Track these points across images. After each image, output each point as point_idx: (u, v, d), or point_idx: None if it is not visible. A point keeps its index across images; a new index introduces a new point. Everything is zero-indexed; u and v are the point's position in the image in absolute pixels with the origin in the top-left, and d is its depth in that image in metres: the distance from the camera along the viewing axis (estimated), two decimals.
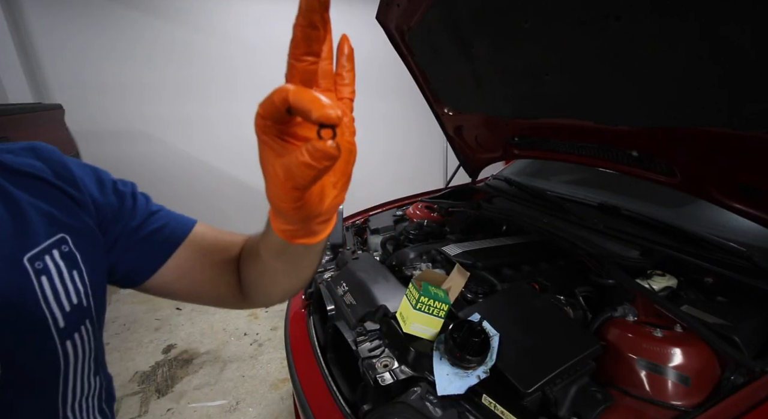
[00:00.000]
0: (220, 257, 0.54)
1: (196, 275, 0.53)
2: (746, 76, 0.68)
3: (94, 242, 0.45)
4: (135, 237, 0.49)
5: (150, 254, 0.50)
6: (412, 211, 1.70)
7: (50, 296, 0.39)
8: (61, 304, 0.39)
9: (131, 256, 0.48)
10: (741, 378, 0.71)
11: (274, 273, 0.49)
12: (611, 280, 0.98)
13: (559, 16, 0.85)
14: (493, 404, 0.72)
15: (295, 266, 0.48)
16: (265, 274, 0.50)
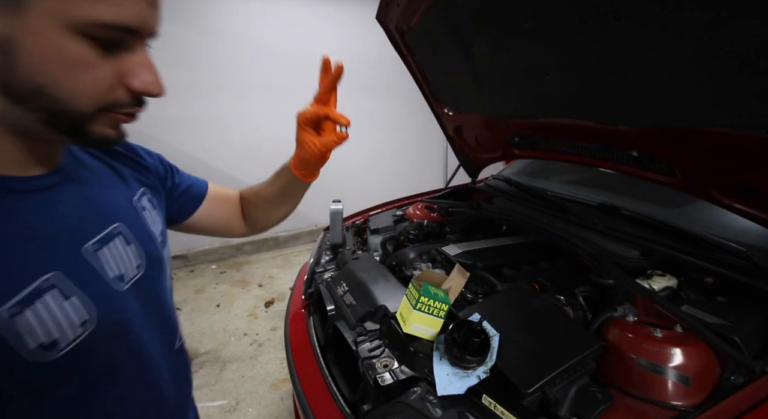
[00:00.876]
0: (228, 202, 0.80)
1: (216, 214, 0.77)
2: (746, 76, 0.68)
3: (159, 194, 0.64)
4: (175, 193, 0.70)
5: (187, 204, 0.72)
6: (412, 211, 1.71)
7: (150, 225, 0.57)
8: (156, 230, 0.58)
9: (176, 205, 0.70)
10: (741, 378, 0.71)
11: (279, 203, 0.80)
12: (611, 280, 0.98)
13: (559, 16, 0.85)
14: (493, 404, 0.72)
15: (294, 197, 0.79)
16: (271, 204, 0.80)
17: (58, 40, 0.34)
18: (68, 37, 0.34)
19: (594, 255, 1.09)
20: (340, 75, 0.64)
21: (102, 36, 0.35)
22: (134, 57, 0.39)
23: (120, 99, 0.40)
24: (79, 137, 0.40)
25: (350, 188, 3.69)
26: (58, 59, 0.34)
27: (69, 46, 0.34)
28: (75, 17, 0.33)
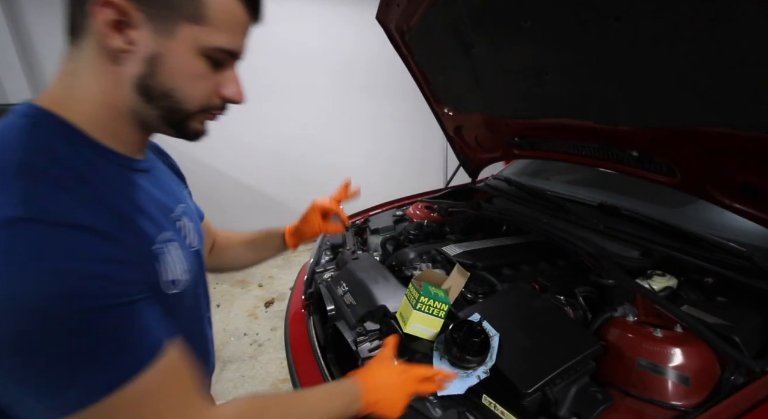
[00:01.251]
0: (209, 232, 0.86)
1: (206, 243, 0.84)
2: (746, 76, 0.68)
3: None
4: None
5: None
6: (412, 211, 1.70)
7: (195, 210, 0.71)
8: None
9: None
10: (741, 378, 0.71)
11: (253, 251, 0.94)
12: (611, 280, 0.98)
13: (559, 16, 0.85)
14: (493, 404, 0.72)
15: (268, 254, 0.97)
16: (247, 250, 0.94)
17: (188, 58, 0.46)
18: (195, 57, 0.46)
19: (594, 255, 1.09)
20: (355, 195, 1.00)
21: (216, 57, 0.48)
22: (229, 73, 0.51)
23: (214, 103, 0.52)
24: (181, 130, 0.52)
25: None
26: (186, 72, 0.47)
27: (195, 63, 0.47)
28: (203, 43, 0.46)
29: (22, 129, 0.42)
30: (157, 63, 0.45)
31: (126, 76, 0.45)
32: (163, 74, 0.45)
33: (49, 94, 0.47)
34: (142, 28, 0.43)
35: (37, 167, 0.40)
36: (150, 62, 0.45)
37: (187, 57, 0.46)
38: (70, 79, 0.46)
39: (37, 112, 0.44)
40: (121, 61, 0.44)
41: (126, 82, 0.46)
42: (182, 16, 0.44)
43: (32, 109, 0.45)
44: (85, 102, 0.46)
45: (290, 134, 3.45)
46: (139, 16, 0.42)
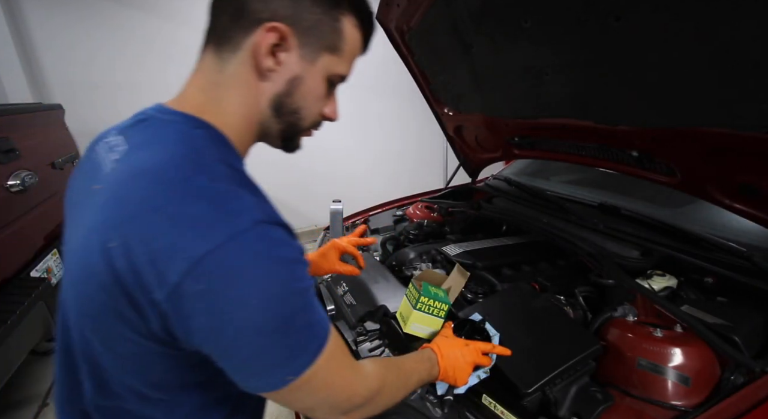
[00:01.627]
0: None
1: None
2: (746, 76, 0.68)
3: None
4: None
5: None
6: (412, 211, 1.70)
7: None
8: None
9: None
10: (741, 378, 0.71)
11: None
12: (611, 280, 0.98)
13: (558, 16, 0.85)
14: (493, 404, 0.72)
15: None
16: None
17: (319, 82, 0.53)
18: (323, 81, 0.54)
19: (594, 255, 1.09)
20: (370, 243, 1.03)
21: (334, 81, 0.55)
22: (333, 95, 0.58)
23: (318, 121, 0.58)
24: (290, 143, 0.59)
25: (351, 188, 3.69)
26: (314, 94, 0.54)
27: (321, 87, 0.54)
28: (333, 70, 0.54)
29: (200, 141, 0.47)
30: (296, 84, 0.51)
31: (267, 92, 0.51)
32: (297, 94, 0.52)
33: (193, 102, 0.51)
34: (292, 53, 0.49)
35: (237, 176, 0.46)
36: (291, 83, 0.51)
37: (319, 81, 0.53)
38: (215, 90, 0.50)
39: (200, 123, 0.49)
40: (267, 78, 0.50)
41: (265, 98, 0.51)
42: (325, 46, 0.51)
43: (194, 120, 0.49)
44: (231, 113, 0.51)
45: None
46: (293, 43, 0.49)
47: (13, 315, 1.30)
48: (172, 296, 0.38)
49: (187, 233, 0.38)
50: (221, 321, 0.39)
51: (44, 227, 1.81)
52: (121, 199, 0.42)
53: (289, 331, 0.43)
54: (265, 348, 0.42)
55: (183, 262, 0.37)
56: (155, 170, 0.42)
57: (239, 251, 0.39)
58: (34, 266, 1.61)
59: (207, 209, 0.40)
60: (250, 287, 0.39)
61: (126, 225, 0.40)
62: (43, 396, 1.88)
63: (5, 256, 1.49)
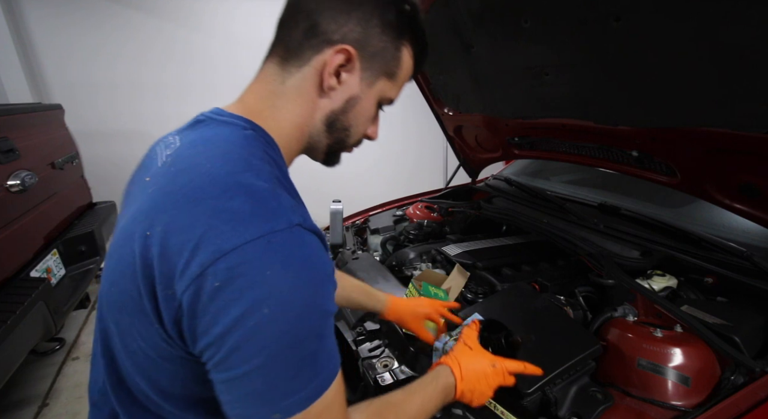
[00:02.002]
0: None
1: None
2: (746, 76, 0.68)
3: None
4: None
5: None
6: (412, 211, 1.70)
7: None
8: None
9: None
10: (741, 378, 0.71)
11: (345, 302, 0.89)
12: (611, 280, 0.98)
13: (559, 16, 0.85)
14: (493, 404, 0.72)
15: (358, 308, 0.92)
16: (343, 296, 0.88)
17: (372, 104, 0.56)
18: (374, 104, 0.57)
19: (594, 255, 1.09)
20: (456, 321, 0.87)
21: (383, 104, 0.59)
22: (378, 116, 0.61)
23: (361, 140, 0.61)
24: (332, 157, 0.61)
25: (351, 188, 3.69)
26: (366, 114, 0.57)
27: (373, 108, 0.57)
28: (386, 94, 0.57)
29: (250, 141, 0.48)
30: (352, 103, 0.54)
31: (324, 108, 0.53)
32: (352, 113, 0.55)
33: (249, 107, 0.53)
34: (354, 75, 0.52)
35: (281, 179, 0.46)
36: (348, 102, 0.54)
37: (372, 103, 0.56)
38: (274, 98, 0.52)
39: (253, 125, 0.50)
40: (327, 95, 0.52)
41: (321, 113, 0.54)
42: (384, 71, 0.54)
43: (247, 121, 0.50)
44: (285, 122, 0.53)
45: None
46: (357, 65, 0.52)
47: (13, 315, 1.30)
48: (190, 288, 0.37)
49: (222, 226, 0.38)
50: (225, 326, 0.37)
51: (44, 227, 1.81)
52: (167, 190, 0.43)
53: (295, 358, 0.39)
54: (262, 369, 0.38)
55: (210, 255, 0.37)
56: (203, 165, 0.43)
57: (269, 250, 0.38)
58: (34, 266, 1.61)
59: (246, 205, 0.39)
60: (268, 293, 0.37)
61: (166, 213, 0.40)
62: (43, 396, 1.88)
63: (5, 256, 1.49)
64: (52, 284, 1.69)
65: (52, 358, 2.15)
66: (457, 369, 0.64)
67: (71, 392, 1.92)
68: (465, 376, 0.63)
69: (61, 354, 2.19)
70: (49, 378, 2.00)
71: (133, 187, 0.55)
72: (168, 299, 0.39)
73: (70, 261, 1.92)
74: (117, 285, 0.44)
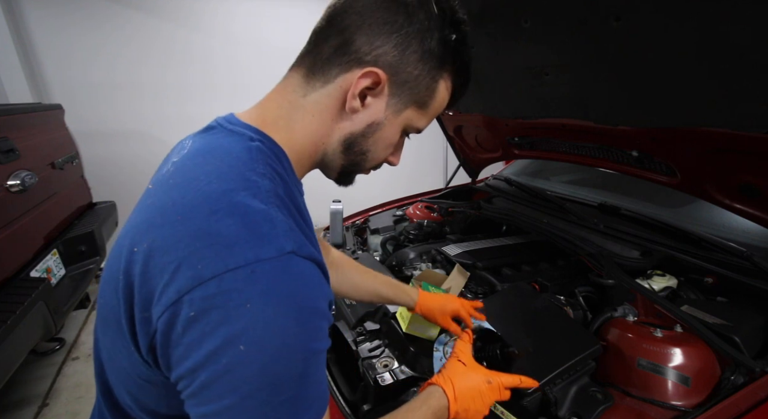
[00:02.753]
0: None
1: None
2: (746, 76, 0.68)
3: None
4: None
5: None
6: (412, 211, 1.70)
7: None
8: None
9: None
10: (741, 378, 0.71)
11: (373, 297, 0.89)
12: (611, 280, 0.98)
13: (559, 16, 0.85)
14: (493, 404, 0.72)
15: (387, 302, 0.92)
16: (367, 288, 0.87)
17: (396, 132, 0.53)
18: (398, 132, 0.53)
19: (594, 255, 1.09)
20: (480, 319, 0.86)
21: (410, 133, 0.56)
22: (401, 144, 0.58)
23: (380, 164, 0.57)
24: (345, 178, 0.57)
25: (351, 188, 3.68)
26: (388, 142, 0.53)
27: (395, 136, 0.53)
28: (413, 124, 0.53)
29: (255, 154, 0.45)
30: (374, 129, 0.51)
31: (344, 129, 0.50)
32: (372, 138, 0.51)
33: (263, 117, 0.50)
34: (381, 100, 0.49)
35: (283, 199, 0.43)
36: (370, 126, 0.50)
37: (396, 131, 0.53)
38: (292, 112, 0.49)
39: (261, 135, 0.48)
40: (348, 117, 0.49)
41: (340, 133, 0.51)
42: (414, 101, 0.50)
43: (256, 132, 0.48)
44: (299, 135, 0.50)
45: None
46: (385, 91, 0.48)
47: (13, 315, 1.30)
48: (164, 315, 0.35)
49: (204, 250, 0.35)
50: (198, 362, 0.34)
51: (44, 227, 1.81)
52: (159, 204, 0.40)
53: (268, 402, 0.35)
54: (231, 412, 0.35)
55: (187, 280, 0.35)
56: (199, 179, 0.41)
57: (251, 281, 0.35)
58: (34, 266, 1.61)
59: (233, 228, 0.37)
60: (244, 328, 0.34)
61: (153, 231, 0.38)
62: (43, 396, 1.88)
63: (5, 256, 1.49)
64: (52, 284, 1.69)
65: (52, 358, 2.15)
66: (450, 390, 0.59)
67: (71, 392, 1.92)
68: (459, 396, 0.59)
69: (61, 354, 2.19)
70: (49, 378, 2.00)
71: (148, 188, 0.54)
72: (144, 322, 0.37)
73: (70, 261, 1.92)
74: (104, 298, 0.43)
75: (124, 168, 2.92)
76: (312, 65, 0.49)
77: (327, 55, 0.47)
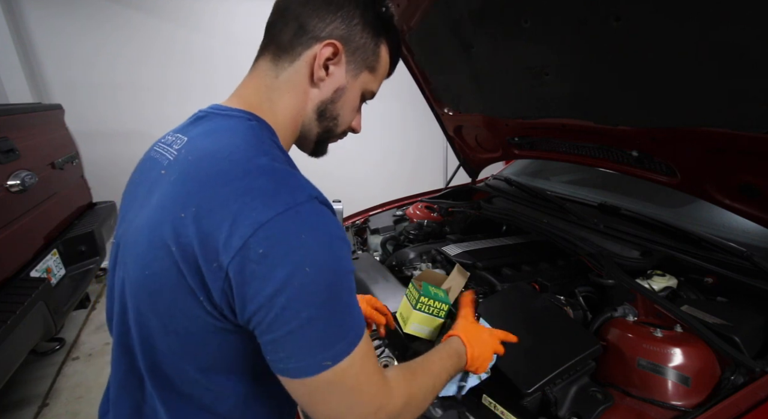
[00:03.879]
0: None
1: None
2: (746, 76, 0.68)
3: None
4: None
5: None
6: (412, 211, 1.70)
7: None
8: None
9: None
10: (741, 378, 0.71)
11: None
12: (611, 280, 0.98)
13: (558, 16, 0.85)
14: (493, 404, 0.72)
15: None
16: None
17: (357, 95, 0.63)
18: (359, 95, 0.63)
19: (594, 255, 1.09)
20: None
21: (366, 97, 0.66)
22: (360, 109, 0.67)
23: (346, 131, 0.67)
24: (320, 146, 0.66)
25: (351, 188, 3.69)
26: (351, 104, 0.63)
27: (357, 99, 0.63)
28: (368, 87, 0.64)
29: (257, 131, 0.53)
30: (339, 94, 0.60)
31: (315, 98, 0.59)
32: (339, 102, 0.61)
33: (247, 101, 0.58)
34: (341, 67, 0.58)
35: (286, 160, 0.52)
36: (336, 92, 0.60)
37: (357, 94, 0.62)
38: (270, 92, 0.58)
39: (254, 116, 0.55)
40: (317, 86, 0.58)
41: (312, 103, 0.59)
42: (366, 65, 0.61)
43: (248, 113, 0.55)
44: (281, 113, 0.58)
45: None
46: (343, 59, 0.58)
47: (13, 315, 1.30)
48: (235, 259, 0.41)
49: (253, 202, 0.42)
50: (275, 287, 0.41)
51: (44, 227, 1.82)
52: (191, 176, 0.47)
53: (336, 309, 0.44)
54: (311, 321, 0.43)
55: (248, 228, 0.41)
56: (220, 152, 0.47)
57: (298, 220, 0.43)
58: (34, 266, 1.61)
59: (270, 183, 0.44)
60: (306, 254, 0.42)
61: (196, 196, 0.44)
62: (43, 396, 1.88)
63: (5, 256, 1.49)
64: (52, 284, 1.69)
65: (52, 358, 2.15)
66: (465, 338, 0.71)
67: (71, 392, 1.92)
68: (472, 342, 0.70)
69: (61, 354, 2.19)
70: (49, 378, 2.00)
71: (135, 189, 0.58)
72: (213, 271, 0.43)
73: (70, 261, 1.92)
74: (150, 268, 0.47)
75: (124, 168, 2.90)
76: (277, 50, 0.57)
77: (288, 40, 0.56)
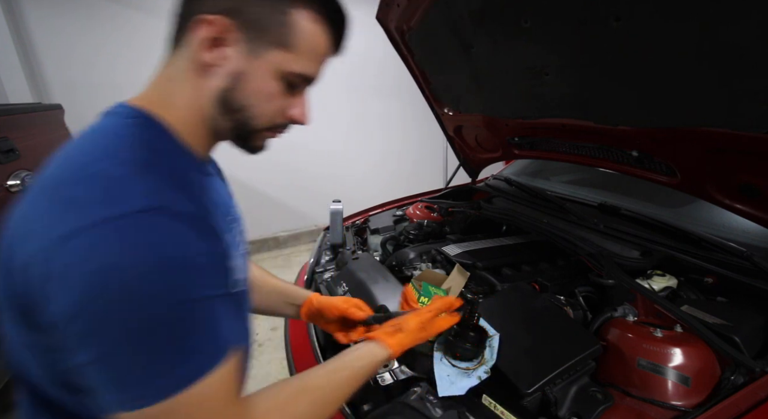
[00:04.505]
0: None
1: None
2: (746, 76, 0.68)
3: None
4: None
5: None
6: (412, 211, 1.70)
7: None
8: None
9: None
10: (741, 378, 0.71)
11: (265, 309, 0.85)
12: (611, 280, 0.98)
13: (559, 16, 0.85)
14: (493, 404, 0.72)
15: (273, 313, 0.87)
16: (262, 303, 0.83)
17: (267, 80, 0.50)
18: (273, 79, 0.50)
19: (594, 255, 1.09)
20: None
21: (291, 80, 0.51)
22: (299, 95, 0.54)
23: (279, 123, 0.55)
24: (246, 143, 0.55)
25: (351, 188, 3.69)
26: (262, 91, 0.50)
27: (271, 84, 0.50)
28: (284, 67, 0.49)
29: (130, 129, 0.47)
30: (240, 80, 0.49)
31: (211, 87, 0.49)
32: (243, 90, 0.49)
33: (147, 97, 0.51)
34: (236, 47, 0.47)
35: (152, 163, 0.44)
36: (234, 78, 0.49)
37: (267, 78, 0.50)
38: (166, 84, 0.51)
39: (138, 113, 0.49)
40: (209, 73, 0.49)
41: (209, 92, 0.50)
42: (273, 42, 0.48)
43: (133, 110, 0.49)
44: (180, 107, 0.50)
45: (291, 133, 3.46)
46: (236, 37, 0.47)
47: None
48: (32, 274, 0.38)
49: (60, 213, 0.38)
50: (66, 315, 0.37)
51: None
52: (31, 184, 0.45)
53: (142, 347, 0.37)
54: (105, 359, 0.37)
55: (45, 240, 0.38)
56: (64, 157, 0.44)
57: (107, 237, 0.37)
58: None
59: (89, 191, 0.39)
60: (104, 280, 0.36)
61: (23, 204, 0.43)
62: None
63: None
64: None
65: None
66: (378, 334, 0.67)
67: None
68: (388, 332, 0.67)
69: None
70: None
71: None
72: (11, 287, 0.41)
73: None
74: None
75: None
76: (171, 37, 0.51)
77: (177, 23, 0.50)
